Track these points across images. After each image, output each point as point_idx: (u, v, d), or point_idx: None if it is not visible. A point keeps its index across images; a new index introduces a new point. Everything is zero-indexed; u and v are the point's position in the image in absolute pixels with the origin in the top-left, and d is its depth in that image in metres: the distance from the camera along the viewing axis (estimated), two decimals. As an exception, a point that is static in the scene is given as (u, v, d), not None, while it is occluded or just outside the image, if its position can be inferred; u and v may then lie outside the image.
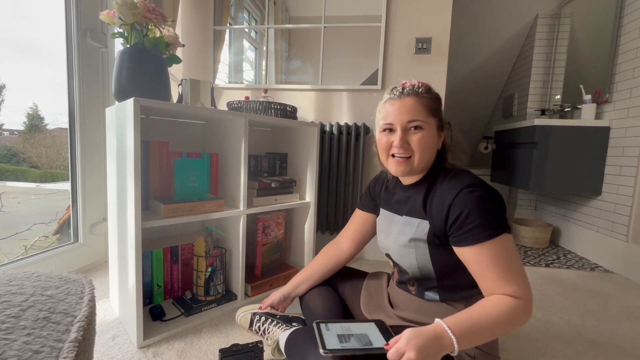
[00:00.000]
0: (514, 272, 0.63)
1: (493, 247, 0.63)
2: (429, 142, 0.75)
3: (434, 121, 0.76)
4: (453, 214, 0.67)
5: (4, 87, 1.35)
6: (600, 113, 1.96)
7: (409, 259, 0.76)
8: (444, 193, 0.70)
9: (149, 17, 1.00)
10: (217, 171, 1.28)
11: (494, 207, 0.65)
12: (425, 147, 0.75)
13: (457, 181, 0.70)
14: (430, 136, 0.75)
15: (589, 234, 2.01)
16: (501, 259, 0.63)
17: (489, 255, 0.64)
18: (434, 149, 0.77)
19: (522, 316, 0.62)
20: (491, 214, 0.64)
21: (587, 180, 1.93)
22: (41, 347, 0.31)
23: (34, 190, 1.58)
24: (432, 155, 0.77)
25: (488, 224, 0.64)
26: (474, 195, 0.65)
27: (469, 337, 0.60)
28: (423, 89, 0.76)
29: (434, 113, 0.76)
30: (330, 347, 0.63)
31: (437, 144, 0.77)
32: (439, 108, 0.77)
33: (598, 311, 1.31)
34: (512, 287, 0.62)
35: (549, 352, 1.02)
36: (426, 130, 0.74)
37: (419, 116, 0.74)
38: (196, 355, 0.93)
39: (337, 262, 0.98)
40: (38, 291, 0.40)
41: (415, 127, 0.74)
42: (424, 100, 0.75)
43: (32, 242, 1.46)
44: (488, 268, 0.64)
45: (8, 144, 1.49)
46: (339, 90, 1.85)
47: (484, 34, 2.66)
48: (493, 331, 0.61)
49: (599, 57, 2.00)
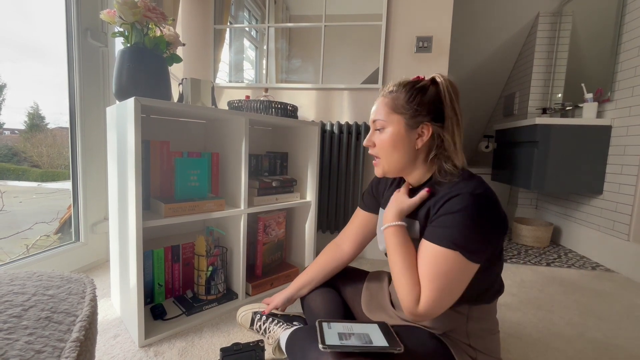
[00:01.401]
0: (437, 283, 0.62)
1: (440, 253, 0.62)
2: (391, 142, 0.72)
3: (399, 118, 0.71)
4: (435, 209, 0.66)
5: (4, 87, 1.35)
6: (602, 112, 1.95)
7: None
8: (447, 194, 0.66)
9: (150, 16, 0.99)
10: (217, 171, 1.28)
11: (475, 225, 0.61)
12: (386, 147, 0.73)
13: (463, 185, 0.66)
14: (392, 135, 0.72)
15: (590, 233, 2.01)
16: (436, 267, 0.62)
17: (430, 256, 0.63)
18: (404, 149, 0.72)
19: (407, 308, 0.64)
20: (466, 231, 0.61)
21: (589, 179, 1.93)
22: (43, 347, 0.31)
23: (35, 190, 1.58)
24: (405, 156, 0.73)
25: (455, 235, 0.61)
26: (470, 202, 0.62)
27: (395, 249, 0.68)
28: (394, 87, 0.73)
29: (402, 109, 0.71)
30: (329, 343, 0.63)
31: (411, 142, 0.71)
32: (412, 103, 0.70)
33: (599, 310, 1.31)
34: (425, 292, 0.62)
35: (550, 352, 1.02)
36: (388, 130, 0.72)
37: (379, 116, 0.73)
38: (197, 354, 0.93)
39: (338, 264, 0.97)
40: (40, 291, 0.40)
41: (378, 127, 0.74)
42: (389, 99, 0.72)
43: (33, 242, 1.46)
44: (423, 263, 0.64)
45: (9, 143, 1.49)
46: (340, 89, 1.85)
47: (485, 33, 2.65)
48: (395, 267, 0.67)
49: (601, 55, 1.99)
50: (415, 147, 0.72)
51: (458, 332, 0.72)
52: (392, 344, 0.64)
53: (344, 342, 0.64)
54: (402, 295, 0.64)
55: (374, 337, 0.67)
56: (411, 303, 0.63)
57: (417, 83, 0.72)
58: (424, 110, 0.70)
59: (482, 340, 0.72)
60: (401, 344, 0.65)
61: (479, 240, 0.62)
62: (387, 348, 0.63)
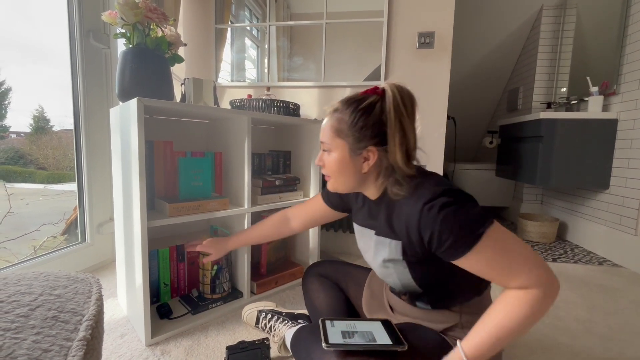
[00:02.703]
0: (514, 264, 0.58)
1: (481, 251, 0.57)
2: (337, 167, 0.69)
3: (343, 143, 0.67)
4: (426, 236, 0.60)
5: (10, 90, 1.36)
6: (608, 105, 1.93)
7: (391, 278, 0.73)
8: (407, 212, 0.63)
9: (151, 16, 1.00)
10: (221, 170, 1.28)
11: (463, 214, 0.58)
12: (332, 170, 0.71)
13: (416, 198, 0.62)
14: (338, 161, 0.69)
15: (597, 228, 1.99)
16: (495, 258, 0.58)
17: (481, 260, 0.58)
18: (350, 174, 0.69)
19: (540, 306, 0.57)
20: (462, 223, 0.57)
21: (595, 173, 1.91)
22: (50, 346, 0.31)
23: (42, 192, 1.60)
24: (352, 179, 0.70)
25: (463, 233, 0.57)
26: (434, 211, 0.58)
27: (491, 352, 0.59)
28: (340, 105, 0.69)
29: (345, 134, 0.67)
30: (332, 341, 0.63)
31: (357, 167, 0.68)
32: (355, 127, 0.66)
33: (606, 306, 1.30)
34: (519, 280, 0.58)
35: (556, 348, 1.02)
36: (334, 154, 0.69)
37: (324, 138, 0.71)
38: (203, 352, 0.94)
39: (281, 236, 1.03)
40: (47, 291, 0.40)
41: (325, 149, 0.71)
42: (333, 120, 0.69)
43: (40, 243, 1.48)
44: (487, 271, 0.59)
45: (15, 146, 1.50)
46: (342, 86, 1.84)
47: (488, 27, 2.63)
48: (515, 334, 0.58)
49: (606, 48, 1.97)
50: (361, 171, 0.69)
51: (455, 328, 0.72)
52: (396, 342, 0.64)
53: (347, 341, 0.64)
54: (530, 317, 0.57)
55: (377, 335, 0.67)
56: (534, 304, 0.57)
57: (363, 101, 0.66)
58: (368, 134, 0.66)
59: None
60: (405, 341, 0.64)
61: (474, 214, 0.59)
62: (391, 346, 0.63)
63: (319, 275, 0.99)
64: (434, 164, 1.87)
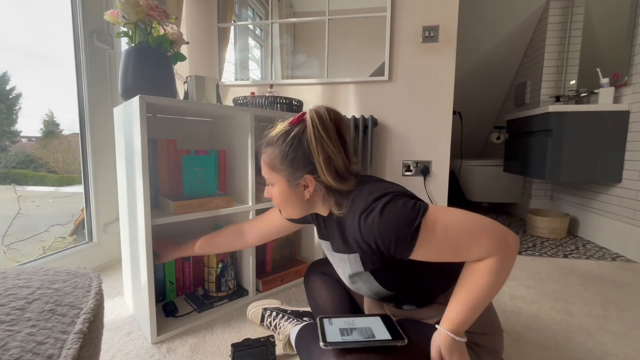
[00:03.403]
0: (462, 241, 0.58)
1: (425, 241, 0.58)
2: (282, 199, 0.71)
3: (280, 177, 0.70)
4: (372, 245, 0.61)
5: (20, 96, 1.38)
6: (619, 97, 1.88)
7: (363, 290, 0.73)
8: (350, 227, 0.64)
9: (152, 14, 1.00)
10: (225, 168, 1.28)
11: (393, 213, 0.58)
12: (279, 202, 0.73)
13: (354, 211, 0.63)
14: (280, 193, 0.71)
15: (609, 223, 1.94)
16: (442, 243, 0.58)
17: (430, 248, 0.58)
18: (295, 202, 0.71)
19: (501, 270, 0.58)
20: (396, 222, 0.57)
21: (606, 167, 1.86)
22: (45, 339, 0.31)
23: (52, 194, 1.62)
24: (299, 207, 0.72)
25: (401, 230, 0.57)
26: (370, 220, 0.59)
27: (469, 320, 0.61)
28: (269, 139, 0.71)
29: (278, 168, 0.69)
30: (330, 340, 0.62)
31: (299, 195, 0.70)
32: (286, 160, 0.68)
33: (620, 302, 1.27)
34: (474, 254, 0.58)
35: (569, 344, 0.99)
36: (276, 188, 0.72)
37: (264, 174, 0.73)
38: (209, 350, 0.94)
39: (233, 249, 1.03)
40: (45, 284, 0.40)
41: (268, 184, 0.73)
42: (266, 156, 0.72)
43: (50, 243, 1.49)
44: (441, 256, 0.60)
45: (26, 150, 1.52)
46: (346, 82, 1.83)
47: (494, 20, 2.59)
48: (487, 299, 0.60)
49: (617, 38, 1.92)
50: (304, 199, 0.71)
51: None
52: (395, 337, 0.63)
53: (346, 338, 0.63)
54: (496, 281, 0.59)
55: (376, 330, 0.65)
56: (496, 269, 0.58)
57: (289, 133, 0.68)
58: (300, 164, 0.67)
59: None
60: (404, 336, 0.63)
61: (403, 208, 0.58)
62: (390, 341, 0.61)
63: (321, 273, 0.98)
64: (440, 161, 1.85)
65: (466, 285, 0.61)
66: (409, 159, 1.86)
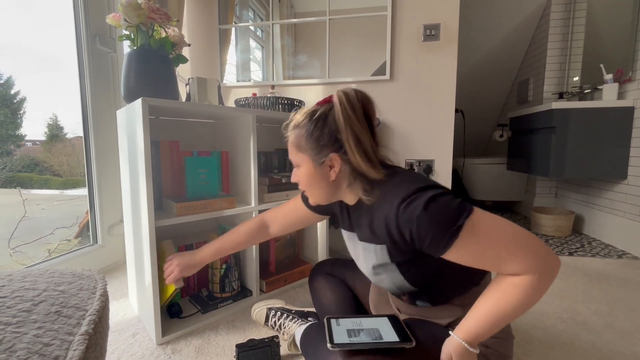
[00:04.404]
0: (503, 252, 0.55)
1: (463, 243, 0.55)
2: (308, 181, 0.70)
3: (306, 157, 0.69)
4: (406, 233, 0.59)
5: (24, 100, 1.40)
6: (623, 93, 1.86)
7: (385, 283, 0.72)
8: (384, 214, 0.62)
9: (154, 17, 1.00)
10: (227, 169, 1.28)
11: (439, 207, 0.56)
12: (306, 184, 0.71)
13: (392, 197, 0.61)
14: (306, 174, 0.70)
15: (615, 220, 1.92)
16: (480, 249, 0.56)
17: (466, 252, 0.56)
18: (321, 184, 0.69)
19: (534, 292, 0.55)
20: (438, 217, 0.55)
21: (611, 164, 1.84)
22: (51, 340, 0.31)
23: (57, 197, 1.63)
24: (325, 189, 0.70)
25: (443, 226, 0.55)
26: (412, 207, 0.57)
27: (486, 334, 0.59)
28: (294, 121, 0.70)
29: (304, 148, 0.68)
30: (338, 341, 0.61)
31: (325, 176, 0.69)
32: (312, 138, 0.67)
33: (627, 299, 1.25)
34: (511, 267, 0.55)
35: (577, 343, 0.98)
36: (302, 169, 0.70)
37: (290, 155, 0.72)
38: (214, 351, 0.94)
39: (257, 242, 0.97)
40: (51, 287, 0.40)
41: (295, 165, 0.72)
42: (292, 136, 0.70)
43: (55, 246, 1.50)
44: (475, 262, 0.57)
45: (31, 154, 1.54)
46: (347, 82, 1.83)
47: (495, 17, 2.57)
48: (509, 318, 0.57)
49: (620, 33, 1.90)
50: (330, 180, 0.69)
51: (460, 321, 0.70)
52: (403, 338, 0.62)
53: (353, 340, 0.62)
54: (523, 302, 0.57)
55: (384, 331, 0.65)
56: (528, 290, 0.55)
57: (315, 113, 0.68)
58: (326, 143, 0.66)
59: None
60: (412, 337, 0.63)
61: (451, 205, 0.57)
62: (398, 343, 0.61)
63: (326, 274, 0.98)
64: (443, 160, 1.84)
65: (495, 298, 0.58)
66: (412, 158, 1.86)
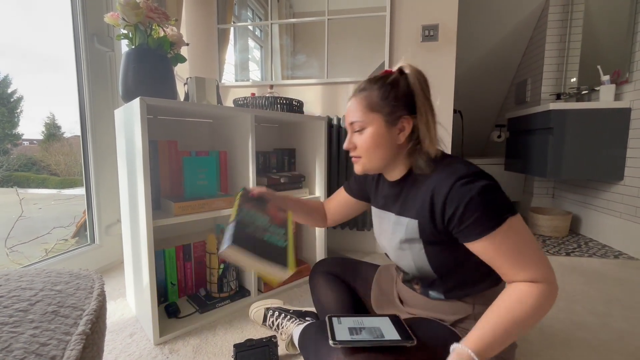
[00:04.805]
0: (527, 256, 0.59)
1: (499, 235, 0.58)
2: (373, 142, 0.69)
3: (377, 116, 0.69)
4: (449, 209, 0.61)
5: (22, 99, 1.39)
6: (620, 94, 1.87)
7: (406, 260, 0.73)
8: (436, 186, 0.63)
9: (152, 16, 1.00)
10: (226, 168, 1.28)
11: (493, 196, 0.59)
12: (368, 148, 0.70)
13: (449, 172, 0.63)
14: (374, 135, 0.69)
15: (612, 220, 1.93)
16: (511, 246, 0.59)
17: (497, 245, 0.59)
18: (387, 146, 0.70)
19: (546, 302, 0.58)
20: (491, 203, 0.59)
21: (608, 164, 1.85)
22: (48, 340, 0.31)
23: (54, 196, 1.62)
24: (388, 153, 0.70)
25: (489, 214, 0.58)
26: (468, 187, 0.59)
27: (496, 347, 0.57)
28: (365, 84, 0.71)
29: (378, 107, 0.68)
30: (339, 338, 0.61)
31: (393, 138, 0.69)
32: (387, 99, 0.68)
33: (624, 299, 1.26)
34: (529, 272, 0.59)
35: (573, 342, 0.99)
36: (369, 130, 0.69)
37: (356, 117, 0.71)
38: (211, 350, 0.94)
39: (313, 223, 0.97)
40: (47, 286, 0.40)
41: (357, 129, 0.71)
42: (362, 97, 0.70)
43: (52, 246, 1.50)
44: (499, 257, 0.59)
45: (28, 153, 1.53)
46: (346, 82, 1.83)
47: (494, 18, 2.58)
48: (522, 328, 0.57)
49: (617, 35, 1.91)
50: (397, 143, 0.70)
51: (467, 320, 0.70)
52: (405, 337, 0.62)
53: (355, 337, 0.63)
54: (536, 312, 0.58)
55: (385, 330, 0.65)
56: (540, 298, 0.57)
57: (388, 77, 0.69)
58: (401, 104, 0.68)
59: None
60: (413, 336, 0.63)
61: (502, 200, 0.60)
62: (399, 341, 0.61)
63: (326, 273, 0.98)
64: (441, 159, 1.84)
65: (508, 306, 0.58)
66: (410, 158, 1.86)
